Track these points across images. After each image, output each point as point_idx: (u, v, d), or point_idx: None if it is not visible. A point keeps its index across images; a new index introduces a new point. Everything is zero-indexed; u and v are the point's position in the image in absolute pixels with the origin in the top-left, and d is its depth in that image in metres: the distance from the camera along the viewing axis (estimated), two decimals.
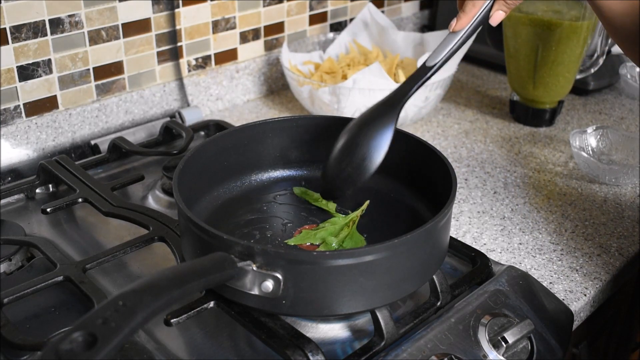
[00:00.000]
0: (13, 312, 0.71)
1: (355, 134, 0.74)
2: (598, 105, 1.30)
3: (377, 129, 0.73)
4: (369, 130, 0.73)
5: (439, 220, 0.65)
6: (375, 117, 0.74)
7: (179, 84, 1.19)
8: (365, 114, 0.75)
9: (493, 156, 1.11)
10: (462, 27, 0.75)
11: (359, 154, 0.73)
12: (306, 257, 0.62)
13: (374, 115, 0.75)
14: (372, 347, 0.66)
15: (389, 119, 0.73)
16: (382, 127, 0.73)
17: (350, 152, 0.74)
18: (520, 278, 0.78)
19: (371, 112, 0.75)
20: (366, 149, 0.73)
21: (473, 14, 0.75)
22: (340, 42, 1.32)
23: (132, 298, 0.49)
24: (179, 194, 0.68)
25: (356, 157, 0.73)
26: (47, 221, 0.90)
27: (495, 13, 0.76)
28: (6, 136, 1.01)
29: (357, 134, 0.74)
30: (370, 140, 0.73)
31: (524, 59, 1.15)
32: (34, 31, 0.99)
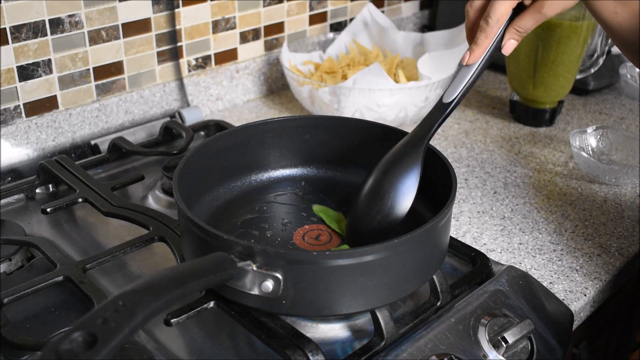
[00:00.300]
0: (13, 312, 0.71)
1: (380, 181, 0.71)
2: (598, 105, 1.30)
3: (402, 173, 0.71)
4: (394, 176, 0.71)
5: (439, 220, 0.65)
6: (398, 159, 0.72)
7: (179, 84, 1.19)
8: (388, 158, 0.73)
9: (493, 156, 1.11)
10: (475, 60, 0.73)
11: (386, 202, 0.70)
12: (306, 257, 0.62)
13: (398, 157, 0.72)
14: (372, 347, 0.66)
15: (413, 161, 0.71)
16: (407, 170, 0.71)
17: (377, 200, 0.70)
18: (520, 278, 0.78)
19: (394, 155, 0.72)
20: (393, 196, 0.70)
21: (486, 46, 0.73)
22: (340, 42, 1.32)
23: (132, 298, 0.49)
24: (179, 194, 0.68)
25: (384, 205, 0.70)
26: (47, 221, 0.90)
27: (507, 42, 0.74)
28: (6, 136, 1.01)
29: (382, 180, 0.71)
30: (397, 186, 0.70)
31: (524, 59, 1.15)
32: (34, 31, 0.99)
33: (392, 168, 0.72)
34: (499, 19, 0.72)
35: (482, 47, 0.73)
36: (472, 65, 0.73)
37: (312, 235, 0.78)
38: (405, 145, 0.73)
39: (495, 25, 0.72)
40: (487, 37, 0.72)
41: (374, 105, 1.10)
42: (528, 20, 0.73)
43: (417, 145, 0.72)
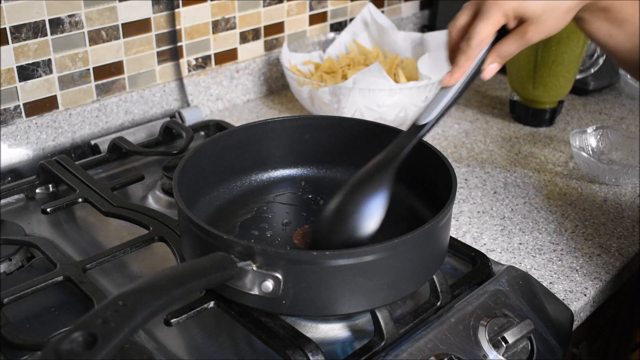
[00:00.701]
0: (13, 312, 0.71)
1: (345, 201, 0.67)
2: (598, 105, 1.30)
3: (368, 196, 0.67)
4: (360, 198, 0.67)
5: (439, 220, 0.65)
6: (366, 181, 0.68)
7: (179, 84, 1.19)
8: (357, 178, 0.69)
9: (493, 156, 1.11)
10: (455, 82, 0.70)
11: (349, 224, 0.66)
12: (306, 257, 0.62)
13: (365, 179, 0.68)
14: (372, 347, 0.66)
15: (380, 185, 0.67)
16: (373, 193, 0.67)
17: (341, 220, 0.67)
18: (520, 278, 0.78)
19: (362, 176, 0.68)
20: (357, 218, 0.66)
21: (466, 68, 0.70)
22: (340, 42, 1.32)
23: (132, 298, 0.49)
24: (179, 194, 0.68)
25: (347, 227, 0.66)
26: (47, 221, 0.90)
27: (488, 67, 0.71)
28: (6, 136, 1.01)
29: (347, 200, 0.67)
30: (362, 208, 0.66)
31: (524, 59, 1.15)
32: (34, 31, 0.99)
33: (359, 189, 0.68)
34: (481, 42, 0.69)
35: (462, 69, 0.70)
36: (450, 87, 0.70)
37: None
38: (374, 167, 0.69)
39: (477, 48, 0.69)
40: (468, 59, 0.70)
41: (374, 105, 1.10)
42: (511, 45, 0.71)
43: (386, 168, 0.68)
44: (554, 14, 0.69)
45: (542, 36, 0.71)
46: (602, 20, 0.73)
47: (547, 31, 0.70)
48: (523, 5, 0.68)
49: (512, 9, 0.68)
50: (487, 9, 0.69)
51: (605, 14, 0.73)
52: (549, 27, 0.70)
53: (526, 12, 0.69)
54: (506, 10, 0.68)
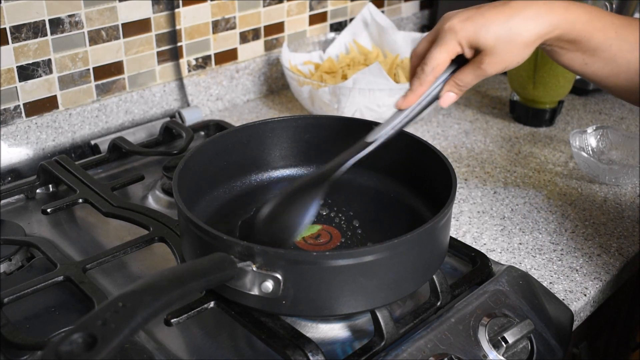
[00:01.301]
0: (13, 312, 0.71)
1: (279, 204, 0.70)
2: (598, 105, 1.30)
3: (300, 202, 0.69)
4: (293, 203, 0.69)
5: (439, 220, 0.65)
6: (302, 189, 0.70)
7: (179, 84, 1.19)
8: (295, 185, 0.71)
9: (493, 156, 1.11)
10: (408, 106, 0.71)
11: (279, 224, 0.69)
12: (306, 257, 0.62)
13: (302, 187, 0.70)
14: (372, 347, 0.66)
15: (314, 194, 0.69)
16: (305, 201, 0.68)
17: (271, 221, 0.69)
18: (520, 278, 0.78)
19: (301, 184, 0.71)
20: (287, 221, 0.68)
21: (420, 93, 0.71)
22: (340, 42, 1.32)
23: (132, 299, 0.49)
24: (178, 194, 0.68)
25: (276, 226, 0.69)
26: (47, 221, 0.90)
27: (445, 94, 0.72)
28: (6, 136, 1.01)
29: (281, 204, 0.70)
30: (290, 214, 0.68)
31: None
32: (34, 31, 0.99)
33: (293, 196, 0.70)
34: (434, 68, 0.69)
35: (415, 93, 0.71)
36: (404, 110, 0.71)
37: (312, 235, 0.78)
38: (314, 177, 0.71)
39: (430, 74, 0.70)
40: (422, 84, 0.70)
41: (374, 105, 1.10)
42: (468, 74, 0.71)
43: (323, 179, 0.70)
44: (510, 47, 0.69)
45: (500, 68, 0.70)
46: (573, 51, 0.73)
47: (504, 63, 0.70)
48: (477, 36, 0.68)
49: (466, 38, 0.69)
50: (443, 37, 0.70)
51: (574, 45, 0.72)
52: (504, 60, 0.70)
53: (480, 43, 0.68)
54: (460, 39, 0.69)
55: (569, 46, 0.72)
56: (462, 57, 0.71)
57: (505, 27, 0.68)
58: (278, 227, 0.69)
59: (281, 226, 0.68)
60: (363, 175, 0.86)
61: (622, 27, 0.72)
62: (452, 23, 0.69)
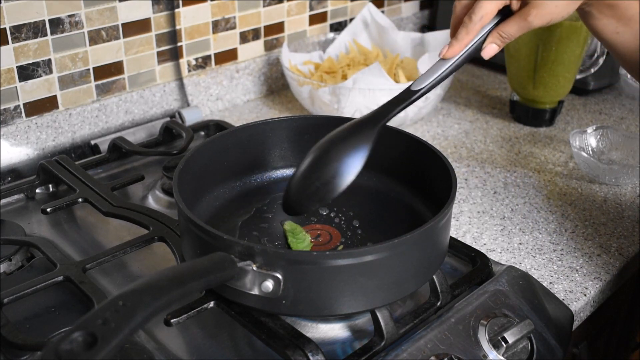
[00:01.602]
0: (13, 312, 0.71)
1: (327, 149, 0.68)
2: (598, 105, 1.30)
3: (352, 147, 0.67)
4: (343, 147, 0.67)
5: (439, 220, 0.65)
6: (351, 134, 0.69)
7: (179, 84, 1.19)
8: (341, 130, 0.69)
9: (493, 156, 1.11)
10: (453, 55, 0.71)
11: (329, 170, 0.66)
12: (306, 257, 0.62)
13: (351, 132, 0.69)
14: (372, 347, 0.66)
15: (365, 138, 0.68)
16: (357, 145, 0.67)
17: (320, 167, 0.67)
18: (520, 278, 0.78)
19: (348, 129, 0.69)
20: (337, 166, 0.66)
21: (465, 43, 0.71)
22: (340, 42, 1.32)
23: (132, 298, 0.49)
24: (178, 194, 0.68)
25: (326, 173, 0.66)
26: (47, 221, 0.90)
27: (488, 46, 0.72)
28: (6, 136, 1.01)
29: (329, 149, 0.68)
30: (344, 157, 0.67)
31: (524, 59, 1.15)
32: (34, 31, 0.99)
33: (342, 140, 0.68)
34: (483, 17, 0.70)
35: (461, 42, 0.71)
36: (448, 59, 0.72)
37: (312, 235, 0.78)
38: (361, 122, 0.70)
39: (478, 23, 0.70)
40: (468, 33, 0.71)
41: (374, 105, 1.10)
42: (512, 26, 0.71)
43: (372, 124, 0.69)
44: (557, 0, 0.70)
45: (544, 21, 0.71)
46: (609, 17, 0.74)
47: (549, 17, 0.70)
48: None
49: None
50: None
51: (612, 10, 0.73)
52: (551, 13, 0.70)
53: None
54: None
55: (607, 10, 0.73)
56: (506, 8, 0.71)
57: None
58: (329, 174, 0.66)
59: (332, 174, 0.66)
60: (363, 175, 0.85)
61: None
62: None
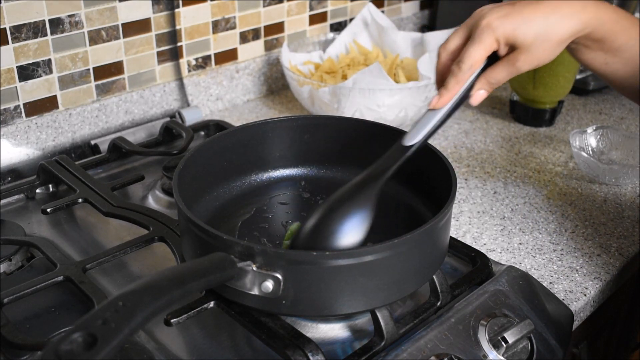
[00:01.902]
0: (13, 312, 0.71)
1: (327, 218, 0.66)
2: (598, 105, 1.30)
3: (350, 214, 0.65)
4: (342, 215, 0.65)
5: (439, 220, 0.65)
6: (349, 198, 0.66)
7: (179, 84, 1.19)
8: (339, 195, 0.67)
9: (493, 156, 1.11)
10: (443, 105, 0.69)
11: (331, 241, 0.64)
12: (306, 257, 0.62)
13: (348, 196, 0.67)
14: (372, 347, 0.66)
15: (364, 203, 0.66)
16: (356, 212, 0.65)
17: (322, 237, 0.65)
18: (520, 278, 0.78)
19: (345, 194, 0.67)
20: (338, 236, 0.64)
21: (456, 91, 0.69)
22: (340, 42, 1.32)
23: (132, 298, 0.49)
24: (178, 194, 0.68)
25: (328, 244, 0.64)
26: (47, 221, 0.90)
27: (476, 93, 0.71)
28: (6, 136, 1.01)
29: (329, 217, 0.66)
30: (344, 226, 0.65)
31: None
32: (34, 31, 0.99)
33: (341, 207, 0.66)
34: (472, 65, 0.69)
35: (451, 92, 0.69)
36: (438, 110, 0.70)
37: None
38: (358, 185, 0.68)
39: (468, 71, 0.69)
40: (458, 82, 0.69)
41: (374, 105, 1.10)
42: (501, 72, 0.70)
43: (370, 186, 0.67)
44: (545, 45, 0.69)
45: (532, 66, 0.70)
46: (596, 50, 0.73)
47: (537, 61, 0.70)
48: (516, 33, 0.68)
49: (504, 35, 0.68)
50: (480, 33, 0.68)
51: (599, 44, 0.72)
52: (539, 58, 0.69)
53: (518, 40, 0.68)
54: (498, 35, 0.68)
55: (594, 45, 0.73)
56: (494, 53, 0.70)
57: (543, 24, 0.68)
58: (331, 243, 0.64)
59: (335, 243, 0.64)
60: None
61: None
62: (490, 20, 0.68)
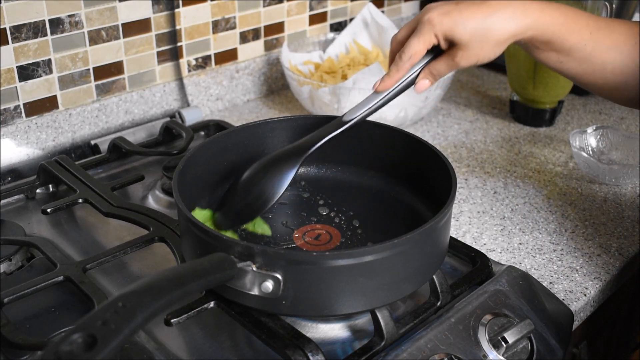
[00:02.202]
0: (13, 312, 0.71)
1: (257, 172, 0.75)
2: (598, 105, 1.30)
3: (277, 172, 0.74)
4: (270, 172, 0.74)
5: (439, 220, 0.65)
6: (280, 160, 0.75)
7: (179, 84, 1.19)
8: (273, 155, 0.76)
9: (493, 156, 1.11)
10: (384, 89, 0.75)
11: (255, 191, 0.74)
12: (306, 257, 0.62)
13: (280, 158, 0.75)
14: (372, 347, 0.66)
15: (291, 165, 0.74)
16: (282, 171, 0.74)
17: (249, 188, 0.75)
18: (520, 278, 0.78)
19: (279, 155, 0.76)
20: (263, 188, 0.74)
21: (396, 79, 0.75)
22: (340, 42, 1.32)
23: (132, 299, 0.49)
24: (178, 194, 0.68)
25: (253, 193, 0.74)
26: (47, 221, 0.90)
27: (420, 81, 0.76)
28: (6, 136, 1.01)
29: (259, 172, 0.75)
30: (269, 181, 0.74)
31: (524, 59, 1.15)
32: (34, 31, 0.99)
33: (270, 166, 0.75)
34: (412, 56, 0.73)
35: (392, 78, 0.75)
36: (380, 92, 0.75)
37: (312, 235, 0.78)
38: (290, 150, 0.76)
39: (407, 62, 0.74)
40: (398, 71, 0.74)
41: None
42: (442, 65, 0.75)
43: (298, 153, 0.75)
44: (483, 44, 0.72)
45: (471, 62, 0.74)
46: (548, 51, 0.75)
47: (476, 58, 0.74)
48: (453, 30, 0.72)
49: (442, 31, 0.72)
50: (421, 28, 0.73)
51: (548, 45, 0.75)
52: (477, 55, 0.73)
53: (455, 37, 0.72)
54: (437, 31, 0.72)
55: (543, 46, 0.75)
56: (438, 47, 0.75)
57: (480, 25, 0.71)
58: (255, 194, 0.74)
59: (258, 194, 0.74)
60: (363, 175, 0.86)
61: (597, 29, 0.74)
62: (431, 16, 0.72)
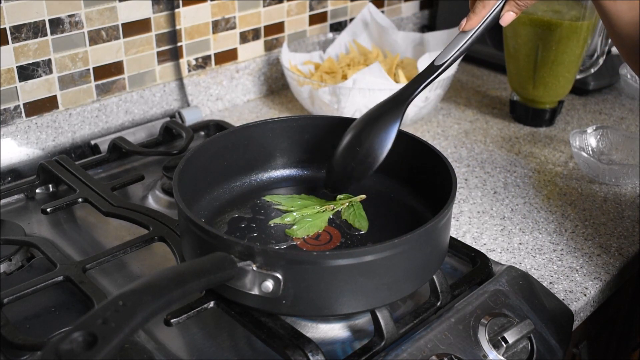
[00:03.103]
0: (13, 312, 0.71)
1: (360, 130, 0.76)
2: (598, 105, 1.30)
3: (382, 126, 0.75)
4: (374, 127, 0.75)
5: (439, 220, 0.65)
6: (381, 114, 0.76)
7: (179, 84, 1.19)
8: (372, 111, 0.77)
9: (493, 156, 1.11)
10: (471, 27, 0.76)
11: (363, 150, 0.75)
12: (306, 257, 0.62)
13: (380, 112, 0.76)
14: (372, 347, 0.66)
15: (394, 117, 0.75)
16: (387, 125, 0.75)
17: (355, 147, 0.76)
18: (520, 278, 0.78)
19: (377, 109, 0.77)
20: (370, 145, 0.75)
21: (483, 15, 0.76)
22: (340, 42, 1.32)
23: (132, 298, 0.49)
24: (179, 194, 0.68)
25: (360, 152, 0.75)
26: (47, 221, 0.90)
27: (505, 14, 0.77)
28: (6, 136, 1.01)
29: (362, 130, 0.76)
30: (375, 137, 0.75)
31: (524, 59, 1.15)
32: (34, 31, 0.99)
33: (373, 121, 0.76)
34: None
35: (478, 15, 0.76)
36: (467, 32, 0.76)
37: (312, 235, 0.78)
38: (390, 101, 0.77)
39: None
40: (485, 6, 0.75)
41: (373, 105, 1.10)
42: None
43: (400, 102, 0.76)
44: None
45: None
46: None
47: None
48: None
49: None
50: None
51: None
52: None
53: None
54: None
55: None
56: None
57: None
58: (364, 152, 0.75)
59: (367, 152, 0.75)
60: None
61: None
62: None
